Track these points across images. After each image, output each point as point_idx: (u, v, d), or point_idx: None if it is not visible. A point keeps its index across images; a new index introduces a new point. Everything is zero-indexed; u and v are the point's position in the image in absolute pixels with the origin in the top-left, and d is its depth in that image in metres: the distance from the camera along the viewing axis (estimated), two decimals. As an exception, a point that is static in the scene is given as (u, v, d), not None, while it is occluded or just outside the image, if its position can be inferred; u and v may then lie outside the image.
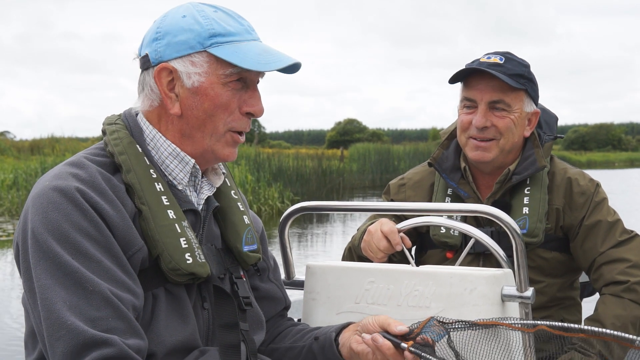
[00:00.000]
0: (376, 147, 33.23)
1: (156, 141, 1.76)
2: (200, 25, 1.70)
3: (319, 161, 23.77)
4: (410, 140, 72.70)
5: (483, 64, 2.54)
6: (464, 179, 2.68)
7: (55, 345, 1.48)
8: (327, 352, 1.87)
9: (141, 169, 1.69)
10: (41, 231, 1.54)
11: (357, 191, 26.57)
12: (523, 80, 2.54)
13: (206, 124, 1.72)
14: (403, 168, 31.76)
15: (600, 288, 2.51)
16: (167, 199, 1.69)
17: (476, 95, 2.56)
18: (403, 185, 2.82)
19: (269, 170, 20.85)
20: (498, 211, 2.13)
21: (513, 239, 2.10)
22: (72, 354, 1.45)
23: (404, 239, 2.35)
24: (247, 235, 1.87)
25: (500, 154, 2.58)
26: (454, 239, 2.57)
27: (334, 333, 1.87)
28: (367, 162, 30.38)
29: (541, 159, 2.58)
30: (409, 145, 36.70)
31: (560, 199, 2.60)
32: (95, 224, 1.57)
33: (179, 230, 1.67)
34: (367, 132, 73.92)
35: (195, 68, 1.69)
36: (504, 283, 2.10)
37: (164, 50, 1.70)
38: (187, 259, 1.65)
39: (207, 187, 1.84)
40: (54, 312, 1.49)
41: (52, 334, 1.48)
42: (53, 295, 1.50)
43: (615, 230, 2.54)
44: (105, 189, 1.62)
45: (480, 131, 2.55)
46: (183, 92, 1.71)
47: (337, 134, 73.29)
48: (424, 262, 2.68)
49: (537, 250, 2.55)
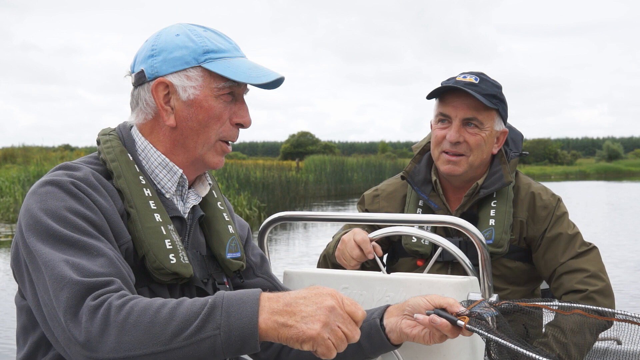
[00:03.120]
0: (331, 159, 33.67)
1: (147, 152, 1.80)
2: (194, 43, 1.76)
3: (280, 172, 24.65)
4: (360, 152, 73.16)
5: (459, 82, 2.59)
6: (435, 191, 2.72)
7: (59, 296, 1.47)
8: (374, 339, 1.85)
9: (131, 175, 1.74)
10: (40, 216, 1.56)
11: (316, 200, 27.13)
12: (495, 101, 2.60)
13: (199, 134, 1.77)
14: (356, 179, 32.52)
15: (560, 296, 2.56)
16: (155, 204, 1.73)
17: (451, 112, 2.61)
18: (377, 196, 2.87)
19: (237, 180, 21.54)
20: (466, 223, 2.19)
21: (479, 249, 2.15)
22: (75, 298, 1.46)
23: (376, 247, 2.38)
24: (231, 243, 1.89)
25: (469, 169, 2.63)
26: (424, 248, 2.61)
27: (377, 319, 1.85)
28: (323, 173, 30.89)
29: (507, 175, 2.65)
30: (361, 158, 37.16)
31: (524, 212, 2.66)
32: (91, 209, 1.61)
33: (164, 232, 1.70)
34: (319, 145, 74.07)
35: (190, 82, 1.74)
36: (470, 290, 2.15)
37: (160, 65, 1.76)
38: (171, 259, 1.68)
39: (194, 196, 1.88)
40: (56, 269, 1.49)
41: (56, 288, 1.47)
42: (56, 258, 1.50)
43: (575, 243, 2.61)
44: (97, 186, 1.67)
45: (453, 146, 2.60)
46: (178, 105, 1.76)
47: (291, 146, 73.32)
48: (395, 270, 2.72)
49: (501, 259, 2.61)
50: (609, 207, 24.66)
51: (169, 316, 1.43)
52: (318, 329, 1.45)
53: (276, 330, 1.45)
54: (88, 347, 1.42)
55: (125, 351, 1.41)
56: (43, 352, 1.66)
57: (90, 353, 1.42)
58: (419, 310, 1.80)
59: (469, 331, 1.73)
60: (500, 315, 1.83)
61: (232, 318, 1.43)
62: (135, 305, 1.45)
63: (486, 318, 1.74)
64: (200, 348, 1.42)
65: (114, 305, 1.44)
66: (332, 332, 1.47)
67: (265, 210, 20.89)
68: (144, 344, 1.41)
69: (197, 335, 1.42)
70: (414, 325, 1.80)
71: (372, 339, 1.86)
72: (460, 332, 1.76)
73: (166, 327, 1.42)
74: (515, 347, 1.61)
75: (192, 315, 1.43)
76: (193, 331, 1.42)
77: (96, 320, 1.43)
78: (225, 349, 1.43)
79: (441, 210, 2.69)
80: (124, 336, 1.41)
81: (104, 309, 1.44)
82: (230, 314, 1.44)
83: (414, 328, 1.80)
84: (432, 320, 1.75)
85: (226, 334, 1.43)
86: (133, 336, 1.41)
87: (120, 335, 1.41)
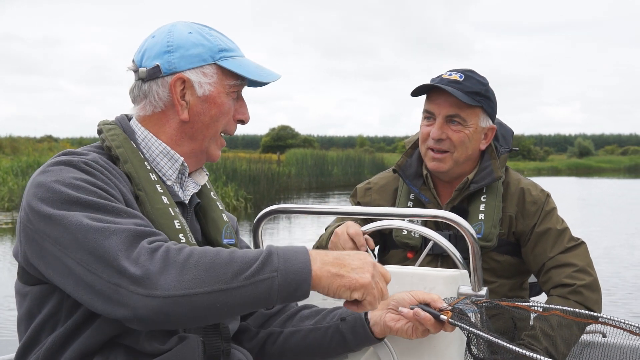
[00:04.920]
0: (312, 153, 34.07)
1: (147, 140, 1.82)
2: (209, 41, 1.81)
3: (264, 164, 25.16)
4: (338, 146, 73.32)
5: (443, 80, 2.61)
6: (426, 185, 2.73)
7: (106, 243, 1.46)
8: (358, 331, 1.89)
9: (137, 160, 1.76)
10: (58, 187, 1.55)
11: (298, 192, 27.54)
12: (479, 98, 2.59)
13: (209, 127, 1.83)
14: (336, 173, 32.84)
15: (548, 290, 2.58)
16: (161, 188, 1.76)
17: (435, 109, 2.62)
18: (369, 189, 2.87)
19: (224, 172, 21.90)
20: (456, 216, 2.19)
21: (470, 243, 2.16)
22: (128, 241, 1.47)
23: (368, 240, 2.41)
24: (226, 230, 1.92)
25: (455, 166, 2.64)
26: (415, 240, 2.62)
27: (362, 312, 1.88)
28: (304, 167, 31.24)
29: (497, 170, 2.65)
30: (341, 152, 37.54)
31: (514, 207, 2.67)
32: (108, 184, 1.62)
33: (172, 213, 1.73)
34: (299, 138, 74.10)
35: (206, 78, 1.79)
36: (460, 283, 2.16)
37: (178, 61, 1.78)
38: (181, 238, 1.70)
39: (193, 185, 1.90)
40: (94, 226, 1.48)
41: (99, 238, 1.47)
42: (88, 221, 1.49)
43: (564, 238, 2.62)
44: (108, 168, 1.69)
45: (437, 142, 2.61)
46: (193, 100, 1.80)
47: (272, 139, 73.29)
48: (386, 261, 2.72)
49: (490, 253, 2.62)
50: (581, 202, 24.97)
51: (229, 258, 1.49)
52: (369, 278, 1.57)
53: (329, 279, 1.54)
54: (146, 284, 1.43)
55: (185, 289, 1.44)
56: (48, 332, 1.64)
57: (148, 290, 1.43)
58: (403, 305, 1.85)
59: (451, 326, 1.78)
60: (483, 312, 1.87)
61: (288, 263, 1.51)
62: (195, 249, 1.50)
63: (468, 314, 1.77)
64: (258, 289, 1.48)
65: (172, 249, 1.48)
66: (376, 284, 1.59)
67: (252, 201, 21.14)
68: (205, 282, 1.45)
69: (256, 276, 1.48)
70: (398, 319, 1.84)
71: (356, 331, 1.89)
72: (442, 327, 1.81)
73: (227, 267, 1.47)
74: (497, 340, 1.64)
75: (250, 259, 1.50)
76: (253, 272, 1.48)
77: (156, 258, 1.46)
78: (281, 291, 1.50)
79: (432, 204, 2.70)
80: (185, 274, 1.45)
81: (163, 250, 1.47)
82: (287, 259, 1.52)
83: (398, 322, 1.84)
84: (416, 314, 1.79)
85: (283, 277, 1.50)
86: (194, 274, 1.45)
87: (182, 273, 1.45)
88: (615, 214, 20.50)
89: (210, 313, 1.47)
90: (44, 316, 1.63)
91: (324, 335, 1.94)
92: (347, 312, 1.92)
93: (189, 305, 1.44)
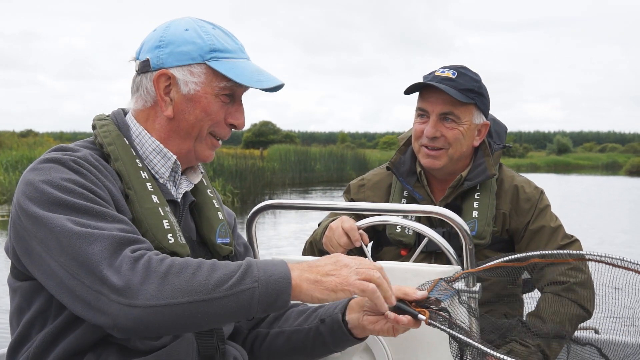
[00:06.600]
0: (295, 148, 34.07)
1: (141, 137, 1.80)
2: (202, 40, 1.76)
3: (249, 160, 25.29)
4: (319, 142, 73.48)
5: (436, 77, 2.58)
6: (419, 182, 2.71)
7: (90, 250, 1.46)
8: (337, 334, 1.86)
9: (128, 158, 1.73)
10: (44, 187, 1.54)
11: (282, 187, 27.72)
12: (472, 95, 2.58)
13: (194, 127, 1.78)
14: (319, 168, 32.92)
15: (542, 287, 2.57)
16: (152, 186, 1.73)
17: (428, 107, 2.60)
18: (363, 185, 2.85)
19: (211, 167, 21.98)
20: (451, 213, 2.17)
21: (464, 239, 2.14)
22: (111, 248, 1.46)
23: (363, 236, 2.38)
24: (221, 229, 1.89)
25: (449, 162, 2.62)
26: (408, 237, 2.61)
27: (339, 314, 1.87)
28: (287, 162, 31.33)
29: (491, 168, 2.63)
30: (324, 148, 37.56)
31: (507, 205, 2.65)
32: (96, 184, 1.60)
33: (161, 213, 1.70)
34: (280, 134, 73.75)
35: (193, 77, 1.74)
36: (454, 279, 2.15)
37: (166, 58, 1.75)
38: (169, 238, 1.68)
39: (186, 183, 1.87)
40: (78, 231, 1.47)
41: (83, 244, 1.46)
42: (73, 226, 1.48)
43: (558, 235, 2.61)
44: (98, 166, 1.66)
45: (431, 140, 2.59)
46: (178, 98, 1.76)
47: (253, 135, 72.86)
48: (379, 259, 2.70)
49: (484, 250, 2.60)
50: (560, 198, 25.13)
51: (210, 269, 1.49)
52: (347, 272, 1.58)
53: (309, 286, 1.55)
54: (127, 293, 1.42)
55: (166, 298, 1.43)
56: (38, 329, 1.62)
57: (128, 300, 1.42)
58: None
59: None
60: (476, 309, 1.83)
61: (268, 274, 1.52)
62: (176, 260, 1.50)
63: (444, 302, 1.72)
64: (239, 299, 1.48)
65: (154, 259, 1.48)
66: (358, 273, 1.58)
67: (239, 196, 21.25)
68: (186, 292, 1.45)
69: (238, 287, 1.48)
70: (376, 321, 1.80)
71: (334, 334, 1.87)
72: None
73: (208, 278, 1.47)
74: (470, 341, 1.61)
75: (231, 270, 1.50)
76: (234, 282, 1.48)
77: (138, 268, 1.45)
78: (261, 302, 1.50)
79: (425, 201, 2.68)
80: (166, 284, 1.44)
81: (144, 260, 1.46)
82: (267, 270, 1.52)
83: (377, 324, 1.80)
84: (397, 320, 1.73)
85: (264, 287, 1.50)
86: (175, 284, 1.45)
87: (163, 283, 1.44)
88: (593, 210, 20.65)
89: (190, 322, 1.47)
90: (34, 312, 1.62)
91: (306, 337, 1.92)
92: (326, 313, 1.90)
93: (169, 315, 1.44)
